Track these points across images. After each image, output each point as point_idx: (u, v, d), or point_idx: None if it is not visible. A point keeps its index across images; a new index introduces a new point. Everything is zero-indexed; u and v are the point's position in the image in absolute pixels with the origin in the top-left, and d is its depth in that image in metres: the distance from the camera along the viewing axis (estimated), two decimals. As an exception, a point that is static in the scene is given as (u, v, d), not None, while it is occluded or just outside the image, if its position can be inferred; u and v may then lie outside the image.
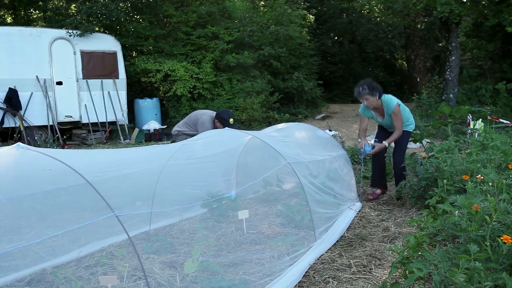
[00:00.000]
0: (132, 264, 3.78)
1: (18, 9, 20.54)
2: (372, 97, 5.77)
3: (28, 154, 2.88)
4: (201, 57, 17.20)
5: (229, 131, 4.91)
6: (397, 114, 5.82)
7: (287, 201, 5.30)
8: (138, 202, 4.12)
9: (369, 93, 5.75)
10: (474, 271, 2.68)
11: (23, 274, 3.68)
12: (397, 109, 5.80)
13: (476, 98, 16.32)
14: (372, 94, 5.76)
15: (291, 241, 4.22)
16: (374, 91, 5.76)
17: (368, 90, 5.75)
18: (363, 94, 5.78)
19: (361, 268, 3.84)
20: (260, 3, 21.67)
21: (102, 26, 16.77)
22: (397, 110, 5.80)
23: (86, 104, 14.00)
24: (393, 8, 16.91)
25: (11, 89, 12.52)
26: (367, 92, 5.75)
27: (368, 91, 5.75)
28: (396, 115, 5.82)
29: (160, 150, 4.54)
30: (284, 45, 18.31)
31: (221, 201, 4.95)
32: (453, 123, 7.42)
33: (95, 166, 3.43)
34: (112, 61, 14.37)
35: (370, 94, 5.75)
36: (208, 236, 4.43)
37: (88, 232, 3.99)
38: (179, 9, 18.29)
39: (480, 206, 3.18)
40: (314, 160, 5.23)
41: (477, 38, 17.66)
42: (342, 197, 5.36)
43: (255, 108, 16.67)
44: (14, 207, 3.59)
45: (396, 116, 5.82)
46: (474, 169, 4.37)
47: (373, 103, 5.82)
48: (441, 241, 3.98)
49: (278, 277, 3.52)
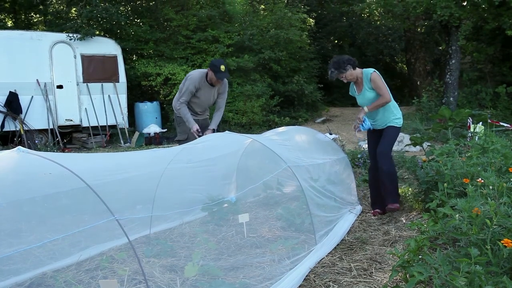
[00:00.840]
0: (133, 267, 3.78)
1: (19, 13, 20.57)
2: (346, 72, 5.35)
3: (28, 157, 2.88)
4: (202, 61, 17.21)
5: (229, 134, 4.90)
6: (376, 80, 5.34)
7: (287, 205, 5.29)
8: (138, 206, 4.12)
9: (339, 72, 5.34)
10: (475, 274, 2.67)
11: (23, 278, 3.67)
12: (374, 75, 5.35)
13: (476, 101, 16.35)
14: (343, 71, 5.34)
15: (292, 245, 4.21)
16: (342, 67, 5.33)
17: (336, 71, 5.36)
18: (334, 77, 5.43)
19: (362, 272, 3.83)
20: (260, 7, 21.70)
21: (103, 30, 16.81)
22: (374, 77, 5.34)
23: (87, 108, 14.01)
24: (393, 11, 16.96)
25: (11, 93, 12.53)
26: (336, 73, 5.37)
27: (337, 72, 5.35)
28: (375, 81, 5.34)
29: (160, 154, 4.54)
30: (284, 48, 18.33)
31: (222, 204, 4.95)
32: (453, 126, 7.41)
33: (96, 169, 3.42)
34: (113, 65, 14.39)
35: (341, 72, 5.34)
36: (208, 239, 4.42)
37: (89, 236, 3.98)
38: (179, 12, 18.32)
39: (481, 209, 3.17)
40: (314, 164, 5.23)
41: (477, 42, 17.69)
42: (342, 200, 5.36)
43: (256, 111, 16.68)
44: (15, 210, 3.59)
45: (375, 82, 5.34)
46: (475, 173, 4.37)
47: (351, 76, 5.42)
48: (441, 245, 3.98)
49: (279, 280, 3.51)
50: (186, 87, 6.32)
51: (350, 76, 5.40)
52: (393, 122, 5.49)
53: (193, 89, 6.31)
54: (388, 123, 5.50)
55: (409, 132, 12.15)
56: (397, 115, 5.53)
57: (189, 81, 6.32)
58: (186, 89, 6.31)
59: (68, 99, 13.73)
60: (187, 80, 6.35)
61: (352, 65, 5.36)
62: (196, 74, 6.37)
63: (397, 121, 5.52)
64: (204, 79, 6.31)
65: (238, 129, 15.96)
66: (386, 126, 5.51)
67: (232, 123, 16.59)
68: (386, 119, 5.49)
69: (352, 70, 5.36)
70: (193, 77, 6.33)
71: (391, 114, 5.49)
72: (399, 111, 5.59)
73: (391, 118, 5.49)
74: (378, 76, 5.36)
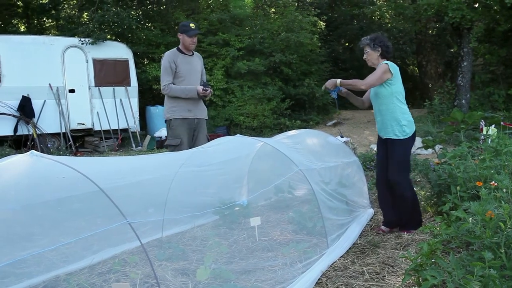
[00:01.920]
0: (145, 271, 3.79)
1: (31, 18, 20.80)
2: (371, 50, 4.87)
3: (41, 161, 2.90)
4: (212, 64, 17.27)
5: (240, 138, 4.90)
6: (379, 69, 4.74)
7: (299, 208, 5.28)
8: (150, 209, 4.12)
9: (369, 44, 4.88)
10: (489, 278, 2.65)
11: (36, 281, 3.70)
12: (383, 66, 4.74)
13: (488, 103, 16.24)
14: (372, 47, 4.86)
15: (303, 248, 4.20)
16: (376, 44, 4.85)
17: (368, 40, 4.90)
18: (363, 44, 4.95)
19: (374, 275, 3.81)
20: (271, 10, 21.73)
21: (114, 34, 16.94)
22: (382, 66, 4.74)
23: (98, 112, 14.10)
24: (404, 14, 16.92)
25: (24, 97, 12.65)
26: (367, 42, 4.90)
27: (368, 41, 4.89)
28: (377, 69, 4.77)
29: (171, 157, 4.55)
30: (295, 51, 18.34)
31: (233, 208, 4.95)
32: (465, 129, 7.36)
33: (108, 173, 3.44)
34: (124, 69, 14.48)
35: (370, 46, 4.87)
36: (220, 243, 4.42)
37: (101, 239, 3.99)
38: (190, 16, 18.42)
39: (494, 212, 3.14)
40: (326, 167, 5.22)
41: (489, 44, 17.57)
42: (354, 203, 5.34)
43: (266, 114, 16.70)
44: (28, 214, 3.61)
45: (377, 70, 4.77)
46: (488, 176, 4.33)
47: (372, 59, 4.90)
48: (454, 248, 3.95)
49: (291, 284, 3.51)
50: (162, 66, 5.74)
51: (370, 56, 4.89)
52: (396, 132, 4.80)
53: (169, 64, 5.65)
54: (390, 133, 4.84)
55: (421, 135, 12.10)
56: (402, 122, 4.78)
57: (163, 60, 5.76)
58: (164, 69, 5.69)
59: (80, 103, 13.83)
60: (161, 60, 5.83)
61: (381, 53, 4.85)
62: (167, 51, 5.88)
63: (402, 130, 4.80)
64: (177, 52, 5.79)
65: (249, 132, 15.98)
66: (389, 138, 4.86)
67: (243, 127, 16.62)
68: (387, 125, 4.86)
69: (375, 53, 4.85)
70: (165, 54, 5.78)
71: (393, 120, 4.82)
72: (406, 117, 4.84)
73: (394, 125, 4.81)
74: (385, 69, 4.71)
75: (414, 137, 4.91)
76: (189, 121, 5.73)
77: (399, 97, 4.82)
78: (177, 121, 5.69)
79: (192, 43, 5.76)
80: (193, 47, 5.84)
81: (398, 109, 4.81)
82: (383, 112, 4.85)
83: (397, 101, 4.81)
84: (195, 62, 5.88)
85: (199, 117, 5.85)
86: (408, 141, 4.83)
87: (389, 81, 4.75)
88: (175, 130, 5.70)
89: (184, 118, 5.70)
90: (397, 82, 4.80)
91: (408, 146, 4.88)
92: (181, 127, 5.68)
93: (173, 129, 5.73)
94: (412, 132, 4.85)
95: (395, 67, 4.78)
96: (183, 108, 5.68)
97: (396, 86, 4.78)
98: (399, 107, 4.81)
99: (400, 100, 4.83)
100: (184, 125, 5.70)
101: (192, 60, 5.84)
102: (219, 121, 16.67)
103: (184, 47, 5.80)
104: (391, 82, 4.76)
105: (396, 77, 4.78)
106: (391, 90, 4.78)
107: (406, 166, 4.91)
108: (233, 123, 17.05)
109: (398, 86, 4.80)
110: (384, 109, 4.84)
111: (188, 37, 5.70)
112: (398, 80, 4.81)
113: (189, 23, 5.78)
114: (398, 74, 4.82)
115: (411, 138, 4.85)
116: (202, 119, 5.91)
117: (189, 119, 5.73)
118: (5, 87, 12.47)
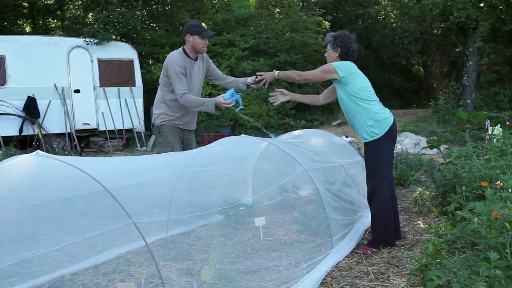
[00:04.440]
0: (150, 271, 3.80)
1: (37, 18, 20.88)
2: (331, 49, 4.43)
3: (47, 161, 2.91)
4: (217, 64, 17.26)
5: (245, 138, 4.90)
6: (323, 67, 4.37)
7: (303, 208, 5.28)
8: (154, 209, 4.13)
9: (330, 41, 4.44)
10: (495, 279, 2.64)
11: (41, 281, 3.71)
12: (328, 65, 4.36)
13: (494, 103, 16.19)
14: (332, 45, 4.42)
15: (308, 248, 4.20)
16: (336, 43, 4.38)
17: (330, 37, 4.45)
18: (326, 41, 4.53)
19: (379, 276, 3.81)
20: (276, 10, 21.73)
21: (119, 35, 16.98)
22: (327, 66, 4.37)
23: (103, 112, 14.13)
24: (409, 13, 16.90)
25: (29, 97, 12.69)
26: (329, 39, 4.46)
27: (330, 39, 4.45)
28: (322, 66, 4.40)
29: (176, 157, 4.55)
30: (300, 51, 18.34)
31: (238, 207, 4.95)
32: (471, 129, 7.33)
33: (113, 173, 3.45)
34: (129, 69, 14.51)
35: (330, 44, 4.44)
36: (224, 243, 4.42)
37: (106, 239, 4.01)
38: (195, 16, 18.44)
39: (500, 212, 3.14)
40: (330, 167, 5.21)
41: (494, 43, 17.52)
42: (359, 203, 5.33)
43: (271, 114, 16.71)
44: (33, 214, 3.63)
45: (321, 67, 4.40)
46: (493, 175, 4.32)
47: (330, 58, 4.48)
48: (460, 249, 3.93)
49: (296, 284, 3.50)
50: (172, 71, 4.98)
51: (328, 55, 4.49)
52: (364, 134, 4.36)
53: (181, 69, 5.01)
54: (361, 136, 4.43)
55: (426, 135, 12.07)
56: (368, 122, 4.30)
57: (170, 64, 5.02)
58: (176, 75, 4.98)
59: (85, 103, 13.87)
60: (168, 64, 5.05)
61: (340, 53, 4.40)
62: (173, 53, 5.17)
63: (370, 131, 4.31)
64: (184, 56, 5.11)
65: (254, 132, 15.98)
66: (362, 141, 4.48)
67: (248, 126, 16.63)
68: (356, 129, 4.47)
69: (334, 53, 4.43)
70: (172, 57, 5.08)
71: (358, 123, 4.38)
72: (371, 116, 4.31)
73: (360, 128, 4.37)
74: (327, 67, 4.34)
75: (390, 136, 4.35)
76: (180, 130, 5.29)
77: (359, 95, 4.30)
78: (168, 128, 5.23)
79: (205, 45, 5.11)
80: (205, 50, 5.20)
81: (361, 109, 4.31)
82: (348, 116, 4.45)
83: (359, 100, 4.31)
84: (198, 67, 5.28)
85: (191, 129, 5.43)
86: (378, 142, 4.29)
87: (341, 82, 4.30)
88: (166, 137, 5.23)
89: (176, 125, 5.25)
90: (353, 81, 4.29)
91: (380, 149, 4.34)
92: (171, 133, 5.23)
93: (163, 135, 5.26)
94: (382, 132, 4.28)
95: (348, 66, 4.31)
96: (177, 117, 5.22)
97: (351, 85, 4.29)
98: (362, 106, 4.30)
99: (362, 98, 4.31)
100: (175, 132, 5.25)
101: (196, 65, 5.24)
102: (223, 121, 16.69)
103: (194, 50, 5.13)
104: (344, 82, 4.30)
105: (351, 76, 4.28)
106: (347, 90, 4.31)
107: (380, 172, 4.36)
108: (237, 123, 17.07)
109: (355, 85, 4.29)
110: (348, 113, 4.43)
111: (201, 39, 5.02)
112: (354, 78, 4.31)
113: (200, 22, 5.19)
114: (355, 71, 4.34)
115: (383, 139, 4.29)
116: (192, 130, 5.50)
117: (180, 129, 5.29)
118: (11, 87, 12.51)
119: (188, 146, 5.35)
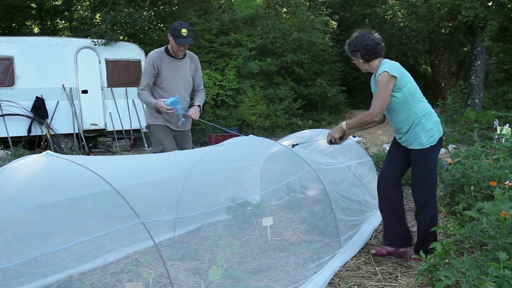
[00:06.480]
0: (158, 271, 3.81)
1: (45, 19, 20.99)
2: (353, 57, 4.07)
3: (56, 161, 2.92)
4: (224, 65, 17.30)
5: (253, 138, 4.91)
6: (380, 83, 3.82)
7: (311, 208, 5.27)
8: (162, 209, 4.15)
9: (347, 51, 4.10)
10: (504, 279, 2.63)
11: (50, 281, 3.73)
12: (381, 76, 3.81)
13: (502, 102, 16.12)
14: (352, 55, 4.06)
15: (316, 248, 4.20)
16: (352, 50, 4.02)
17: (346, 47, 4.10)
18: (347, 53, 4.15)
19: (387, 276, 3.80)
20: (283, 10, 21.72)
21: (126, 35, 17.02)
22: (380, 79, 3.81)
23: (111, 112, 14.16)
24: (416, 13, 16.84)
25: (38, 98, 12.73)
26: (347, 50, 4.10)
27: (347, 49, 4.09)
28: (378, 85, 3.85)
29: (184, 157, 4.57)
30: (307, 51, 18.32)
31: (245, 206, 4.95)
32: (479, 128, 7.32)
33: (121, 173, 3.46)
34: (136, 69, 14.51)
35: (350, 54, 4.09)
36: (232, 243, 4.43)
37: (114, 239, 4.03)
38: (202, 17, 18.47)
39: (509, 212, 3.12)
40: (338, 167, 5.21)
41: (503, 42, 17.45)
42: (367, 203, 5.32)
43: (278, 114, 16.70)
44: (42, 214, 3.65)
45: (378, 86, 3.86)
46: (502, 175, 4.30)
47: (360, 66, 4.13)
48: (468, 249, 3.92)
49: (303, 284, 3.50)
50: (143, 68, 5.21)
51: (357, 64, 4.14)
52: (422, 139, 3.89)
53: (151, 67, 5.10)
54: (414, 142, 3.96)
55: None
56: (428, 125, 3.89)
57: (146, 60, 5.19)
58: (144, 70, 5.17)
59: (93, 103, 13.91)
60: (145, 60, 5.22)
61: (362, 56, 3.98)
62: (153, 51, 5.25)
63: (429, 136, 3.89)
64: (165, 53, 5.18)
65: (261, 133, 15.99)
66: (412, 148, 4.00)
67: (255, 127, 16.63)
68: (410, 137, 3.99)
69: (358, 59, 4.04)
70: (150, 55, 5.19)
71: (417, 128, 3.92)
72: (431, 119, 3.96)
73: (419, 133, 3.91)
74: (386, 79, 3.80)
75: (441, 142, 3.99)
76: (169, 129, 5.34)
77: (416, 96, 3.95)
78: (157, 127, 5.29)
79: (180, 51, 5.12)
80: (181, 55, 5.21)
81: (420, 111, 3.92)
82: (402, 123, 3.99)
83: (417, 102, 3.94)
84: (183, 66, 5.28)
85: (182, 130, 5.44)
86: (434, 148, 3.93)
87: (396, 87, 3.86)
88: (156, 136, 5.29)
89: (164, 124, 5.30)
90: (407, 82, 3.90)
91: (435, 155, 3.99)
92: (160, 132, 5.28)
93: (153, 135, 5.33)
94: (440, 135, 3.97)
95: (396, 67, 3.89)
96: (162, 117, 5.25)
97: (407, 87, 3.88)
98: (420, 109, 3.94)
99: (418, 98, 3.96)
100: (165, 131, 5.30)
101: (179, 64, 5.24)
102: (231, 121, 16.70)
103: (172, 52, 5.19)
104: (400, 85, 3.86)
105: (404, 77, 3.89)
106: (403, 94, 3.88)
107: (434, 181, 4.03)
108: (245, 123, 17.08)
109: (409, 86, 3.90)
110: (404, 119, 3.96)
111: (176, 44, 5.06)
112: (407, 79, 3.92)
113: (181, 27, 5.00)
114: (404, 72, 3.92)
115: (439, 143, 3.96)
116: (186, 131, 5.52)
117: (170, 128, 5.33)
118: (19, 88, 12.57)
119: (181, 146, 5.43)
